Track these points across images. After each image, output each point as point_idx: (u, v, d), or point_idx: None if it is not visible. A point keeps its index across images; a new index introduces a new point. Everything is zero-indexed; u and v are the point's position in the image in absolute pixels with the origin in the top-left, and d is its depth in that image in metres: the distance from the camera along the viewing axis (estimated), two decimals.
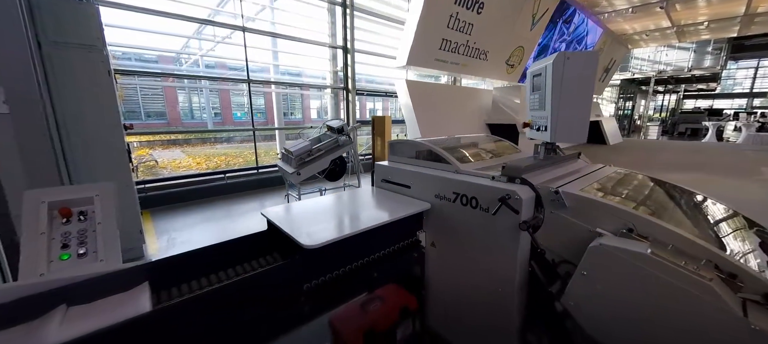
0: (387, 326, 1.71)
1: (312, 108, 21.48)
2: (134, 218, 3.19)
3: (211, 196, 6.13)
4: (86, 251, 1.29)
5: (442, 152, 1.77)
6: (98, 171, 2.80)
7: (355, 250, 1.48)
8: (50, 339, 0.89)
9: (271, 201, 6.09)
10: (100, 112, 2.83)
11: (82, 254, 1.28)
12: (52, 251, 1.24)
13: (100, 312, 1.07)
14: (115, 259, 1.33)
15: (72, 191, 1.39)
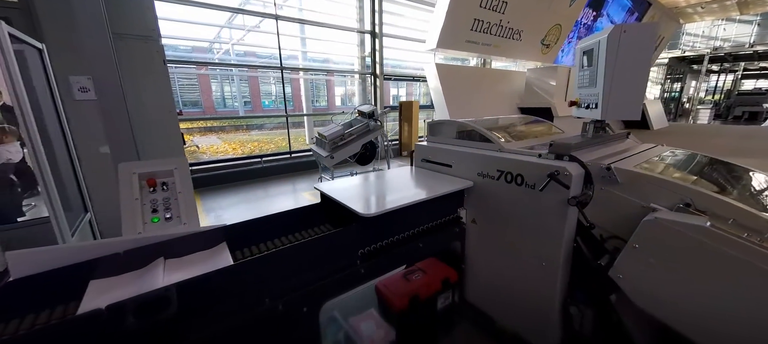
0: (429, 294, 1.81)
1: (336, 95, 21.68)
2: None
3: (248, 179, 6.51)
4: (171, 216, 1.48)
5: (486, 132, 1.79)
6: (158, 153, 3.09)
7: (402, 223, 1.57)
8: (159, 282, 1.06)
9: (303, 184, 6.35)
10: (158, 98, 3.09)
11: (168, 218, 1.47)
12: (145, 214, 1.44)
13: (192, 264, 1.24)
14: (195, 222, 1.51)
15: (155, 164, 1.58)
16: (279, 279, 1.19)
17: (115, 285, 1.11)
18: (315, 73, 15.32)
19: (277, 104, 20.49)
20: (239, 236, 1.45)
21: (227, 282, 1.08)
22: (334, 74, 17.65)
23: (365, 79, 8.45)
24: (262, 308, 1.12)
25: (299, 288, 1.22)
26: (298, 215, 1.71)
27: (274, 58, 6.93)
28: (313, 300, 1.25)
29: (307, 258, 1.27)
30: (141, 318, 0.86)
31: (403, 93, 17.10)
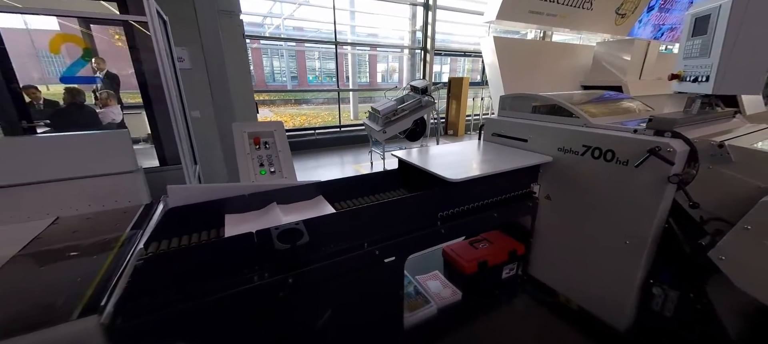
0: (496, 262, 1.88)
1: (378, 71, 21.52)
2: None
3: (300, 149, 6.92)
4: (275, 171, 1.69)
5: (570, 106, 1.74)
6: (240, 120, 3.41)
7: (478, 192, 1.63)
8: (280, 220, 1.25)
9: (349, 156, 6.60)
10: (239, 69, 3.37)
11: (272, 172, 1.67)
12: (255, 167, 1.66)
13: (299, 210, 1.43)
14: (293, 177, 1.71)
15: (258, 125, 1.79)
16: (374, 229, 1.33)
17: (244, 219, 1.33)
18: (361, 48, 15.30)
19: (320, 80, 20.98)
20: (330, 191, 1.62)
21: (337, 225, 1.24)
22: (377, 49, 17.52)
23: (414, 54, 8.31)
24: (363, 251, 1.27)
25: (391, 239, 1.35)
26: (377, 178, 1.84)
27: (321, 33, 7.03)
28: (401, 251, 1.38)
29: (397, 214, 1.39)
30: (283, 242, 1.04)
31: (446, 70, 16.52)
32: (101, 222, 1.38)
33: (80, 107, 4.30)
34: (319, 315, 1.24)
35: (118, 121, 5.08)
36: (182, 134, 1.59)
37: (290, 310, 1.16)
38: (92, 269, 1.04)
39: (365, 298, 1.36)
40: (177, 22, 2.39)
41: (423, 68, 7.92)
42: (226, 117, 2.76)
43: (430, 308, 1.72)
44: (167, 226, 1.25)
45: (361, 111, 13.38)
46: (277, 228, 1.08)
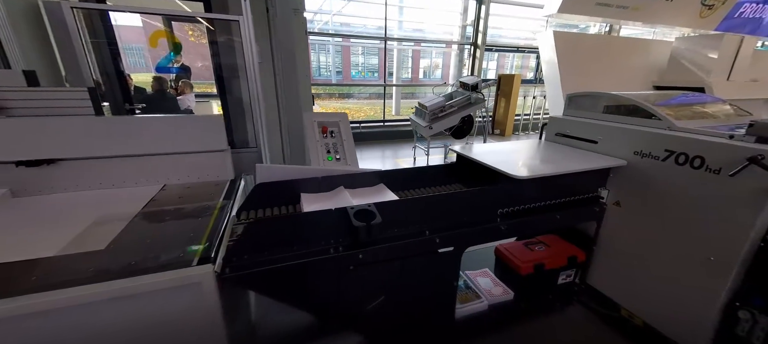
0: (554, 266, 1.83)
1: (420, 67, 21.30)
2: None
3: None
4: (340, 158, 1.81)
5: (651, 107, 1.63)
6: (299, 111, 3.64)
7: (541, 193, 1.60)
8: (350, 202, 1.35)
9: (391, 151, 6.68)
10: (301, 64, 3.58)
11: (338, 159, 1.80)
12: (322, 153, 1.80)
13: (364, 195, 1.53)
14: (356, 165, 1.82)
15: (326, 116, 1.93)
16: (435, 219, 1.38)
17: (318, 198, 1.46)
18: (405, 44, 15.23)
19: (363, 75, 21.32)
20: (390, 180, 1.70)
21: (403, 211, 1.31)
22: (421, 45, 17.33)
23: (463, 50, 8.12)
24: (425, 237, 1.33)
25: (450, 230, 1.39)
26: (433, 172, 1.89)
27: (366, 29, 7.11)
28: (460, 242, 1.42)
29: (457, 207, 1.43)
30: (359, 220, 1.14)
31: (492, 66, 15.86)
32: (198, 191, 1.60)
33: (164, 94, 4.90)
34: (381, 291, 1.33)
35: (192, 107, 5.70)
36: (262, 122, 1.78)
37: (357, 282, 1.26)
38: (199, 228, 1.23)
39: (422, 283, 1.43)
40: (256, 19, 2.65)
41: (471, 64, 7.72)
42: (292, 107, 2.98)
43: (480, 303, 1.73)
44: (254, 198, 1.43)
45: (403, 107, 13.41)
46: (352, 208, 1.18)
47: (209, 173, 1.77)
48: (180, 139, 1.68)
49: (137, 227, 1.24)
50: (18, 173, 1.47)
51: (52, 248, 1.07)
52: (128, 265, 0.99)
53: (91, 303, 0.91)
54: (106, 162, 1.58)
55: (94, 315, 0.94)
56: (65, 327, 0.92)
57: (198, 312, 1.03)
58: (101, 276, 0.94)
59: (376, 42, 7.22)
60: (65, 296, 0.87)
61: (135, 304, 0.97)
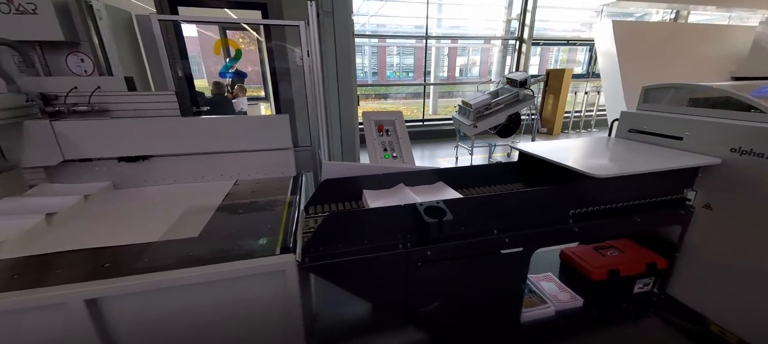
0: (630, 273, 1.68)
1: (457, 65, 20.80)
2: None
3: None
4: (397, 156, 1.82)
5: (751, 99, 1.43)
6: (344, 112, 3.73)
7: (616, 193, 1.47)
8: (412, 199, 1.35)
9: (429, 151, 6.58)
10: (346, 66, 3.67)
11: (395, 157, 1.81)
12: (379, 151, 1.82)
13: (425, 192, 1.53)
14: (412, 162, 1.82)
15: (382, 115, 1.96)
16: (503, 218, 1.33)
17: (380, 195, 1.48)
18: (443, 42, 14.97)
19: (398, 75, 21.31)
20: (449, 178, 1.68)
21: (471, 208, 1.28)
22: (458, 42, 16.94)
23: (506, 45, 7.79)
24: (493, 236, 1.29)
25: (518, 230, 1.33)
26: (494, 170, 1.83)
27: (401, 28, 7.02)
28: (529, 243, 1.36)
29: (526, 207, 1.36)
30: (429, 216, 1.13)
31: (535, 62, 15.01)
32: (267, 186, 1.71)
33: (222, 97, 5.30)
34: (447, 289, 1.31)
35: (245, 110, 6.12)
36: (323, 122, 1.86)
37: (424, 279, 1.26)
38: (274, 220, 1.31)
39: (488, 283, 1.38)
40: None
41: (517, 59, 7.37)
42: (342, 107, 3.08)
43: (547, 308, 1.64)
44: (321, 193, 1.48)
45: (440, 106, 13.19)
46: (422, 205, 1.18)
47: (275, 169, 1.88)
48: (251, 138, 1.80)
49: (221, 218, 1.35)
50: (119, 167, 1.68)
51: (154, 234, 1.20)
52: (220, 251, 1.08)
53: (191, 285, 1.01)
54: (189, 159, 1.75)
55: (192, 295, 1.04)
56: (170, 305, 1.03)
57: (280, 297, 1.10)
58: (199, 260, 1.03)
59: (412, 42, 7.20)
60: (173, 277, 0.97)
61: (227, 287, 1.05)
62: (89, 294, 0.92)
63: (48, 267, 1.01)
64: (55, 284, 0.92)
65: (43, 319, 0.92)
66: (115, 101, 1.69)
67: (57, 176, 1.64)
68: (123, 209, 1.48)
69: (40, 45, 1.88)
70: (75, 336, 0.94)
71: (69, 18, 1.90)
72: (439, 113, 11.93)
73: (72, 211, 1.38)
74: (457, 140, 5.60)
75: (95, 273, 0.97)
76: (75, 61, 1.94)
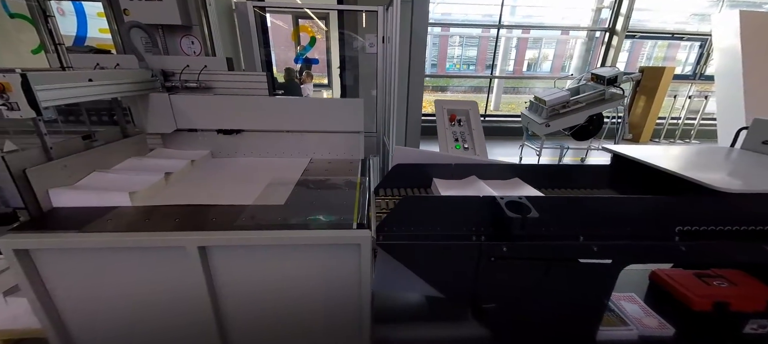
0: (742, 309, 1.41)
1: (525, 59, 19.21)
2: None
3: None
4: (468, 147, 1.76)
5: None
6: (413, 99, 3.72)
7: (741, 214, 1.22)
8: (486, 192, 1.29)
9: (489, 148, 6.21)
10: (419, 53, 3.62)
11: (466, 148, 1.75)
12: (450, 141, 1.78)
13: (499, 187, 1.45)
14: (485, 155, 1.74)
15: (455, 104, 1.90)
16: (591, 224, 1.21)
17: (452, 185, 1.46)
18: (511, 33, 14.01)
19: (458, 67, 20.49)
20: (526, 175, 1.57)
21: (554, 208, 1.18)
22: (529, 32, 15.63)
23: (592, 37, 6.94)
24: (579, 243, 1.18)
25: (610, 240, 1.19)
26: (578, 172, 1.66)
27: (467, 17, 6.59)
28: (621, 256, 1.21)
29: (621, 215, 1.21)
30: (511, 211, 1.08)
31: (622, 58, 13.08)
32: (338, 167, 1.80)
33: (293, 83, 5.70)
34: (519, 290, 1.24)
35: (311, 95, 6.50)
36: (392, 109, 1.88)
37: (496, 276, 1.21)
38: (348, 198, 1.37)
39: (565, 292, 1.27)
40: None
41: (604, 54, 6.54)
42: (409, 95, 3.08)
43: (629, 331, 1.46)
44: (392, 177, 1.51)
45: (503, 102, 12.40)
46: (502, 198, 1.13)
47: (345, 151, 1.96)
48: (326, 119, 1.91)
49: (301, 191, 1.46)
50: (217, 139, 1.91)
51: (248, 198, 1.35)
52: (303, 219, 1.17)
53: (279, 245, 1.12)
54: (272, 135, 1.92)
55: (277, 255, 1.15)
56: (259, 261, 1.15)
57: (353, 269, 1.15)
58: (286, 225, 1.13)
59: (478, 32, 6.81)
60: (267, 236, 1.08)
61: (307, 252, 1.14)
62: (201, 242, 1.07)
63: (169, 216, 1.20)
64: (175, 230, 1.09)
65: (168, 257, 1.10)
66: (218, 78, 1.92)
67: (169, 142, 1.93)
68: (221, 175, 1.69)
69: (162, 28, 2.22)
70: (189, 274, 1.11)
71: (185, 4, 2.20)
72: (500, 109, 11.26)
73: (182, 172, 1.62)
74: (524, 139, 5.21)
75: (205, 225, 1.12)
76: (187, 43, 2.26)
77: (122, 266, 1.12)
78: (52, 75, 1.20)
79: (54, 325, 1.17)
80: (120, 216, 1.18)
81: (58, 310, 1.18)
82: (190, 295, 1.16)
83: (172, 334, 1.26)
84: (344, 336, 1.31)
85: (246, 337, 1.30)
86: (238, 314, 1.25)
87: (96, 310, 1.20)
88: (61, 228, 1.08)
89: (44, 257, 1.10)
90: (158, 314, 1.21)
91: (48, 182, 1.22)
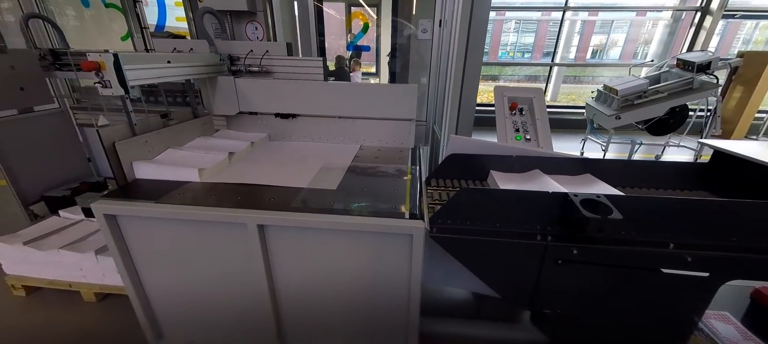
0: None
1: (590, 45, 17.24)
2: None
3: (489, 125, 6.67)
4: (530, 138, 1.60)
5: None
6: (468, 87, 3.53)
7: None
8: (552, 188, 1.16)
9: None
10: (478, 39, 3.39)
11: (528, 139, 1.60)
12: (510, 131, 1.64)
13: (568, 183, 1.30)
14: (549, 147, 1.58)
15: (518, 91, 1.74)
16: (683, 231, 1.02)
17: (511, 178, 1.34)
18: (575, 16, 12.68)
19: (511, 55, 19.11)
20: (599, 172, 1.39)
21: (639, 209, 1.02)
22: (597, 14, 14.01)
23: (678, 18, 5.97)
24: (667, 251, 1.01)
25: (707, 250, 1.00)
26: (667, 170, 1.43)
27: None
28: (721, 270, 1.01)
29: (726, 221, 1.01)
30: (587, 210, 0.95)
31: (714, 43, 11.05)
32: (388, 154, 1.77)
33: (343, 70, 5.78)
34: (590, 299, 1.11)
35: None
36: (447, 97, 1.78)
37: (562, 280, 1.09)
38: (399, 187, 1.33)
39: (646, 306, 1.11)
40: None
41: (693, 37, 5.60)
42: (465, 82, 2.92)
43: None
44: (445, 167, 1.44)
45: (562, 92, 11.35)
46: (576, 196, 1.00)
47: (395, 139, 1.92)
48: (378, 106, 1.87)
49: (352, 177, 1.45)
50: (275, 122, 1.99)
51: (302, 181, 1.38)
52: (354, 206, 1.16)
53: (331, 230, 1.12)
54: (324, 120, 1.94)
55: (329, 238, 1.15)
56: (311, 243, 1.17)
57: (403, 259, 1.12)
58: (338, 209, 1.13)
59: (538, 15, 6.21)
60: (320, 219, 1.09)
61: (358, 238, 1.13)
62: (260, 221, 1.12)
63: (231, 193, 1.27)
64: (237, 207, 1.15)
65: (231, 232, 1.17)
66: (277, 63, 1.99)
67: (232, 124, 2.06)
68: (277, 157, 1.75)
69: (230, 14, 2.36)
70: (249, 249, 1.17)
71: None
72: (558, 100, 10.32)
73: (244, 153, 1.72)
74: (587, 132, 4.70)
75: (263, 205, 1.17)
76: (251, 29, 2.37)
77: (191, 237, 1.22)
78: (138, 56, 1.32)
79: (134, 285, 1.32)
80: (190, 191, 1.28)
81: (138, 272, 1.33)
82: (248, 268, 1.22)
83: (231, 304, 1.35)
84: (389, 324, 1.30)
85: (295, 313, 1.35)
86: (289, 290, 1.30)
87: (169, 276, 1.32)
88: (142, 198, 1.20)
89: (128, 223, 1.23)
90: (220, 283, 1.30)
91: (132, 155, 1.36)
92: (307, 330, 1.39)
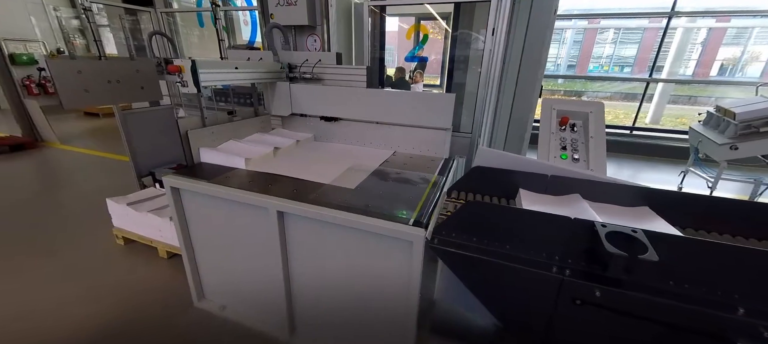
0: None
1: (717, 58, 14.01)
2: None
3: None
4: (579, 158, 1.41)
5: None
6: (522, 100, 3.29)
7: None
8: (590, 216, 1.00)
9: (634, 171, 4.79)
10: (536, 49, 3.14)
11: (576, 159, 1.41)
12: (556, 149, 1.47)
13: (615, 214, 1.11)
14: (602, 172, 1.36)
15: (572, 104, 1.55)
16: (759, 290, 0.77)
17: (542, 200, 1.20)
18: (697, 20, 10.58)
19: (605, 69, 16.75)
20: (662, 206, 1.14)
21: (691, 254, 0.82)
22: (729, 20, 11.48)
23: None
24: (734, 317, 0.78)
25: None
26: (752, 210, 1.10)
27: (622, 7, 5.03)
28: None
29: None
30: (613, 244, 0.80)
31: None
32: (418, 162, 1.75)
33: (403, 81, 5.90)
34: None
35: None
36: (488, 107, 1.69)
37: (578, 323, 0.93)
38: (416, 194, 1.31)
39: None
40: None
41: None
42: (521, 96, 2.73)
43: None
44: (469, 179, 1.36)
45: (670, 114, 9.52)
46: (604, 225, 0.85)
47: (430, 148, 1.89)
48: (415, 113, 1.88)
49: (373, 180, 1.49)
50: (319, 124, 2.16)
51: (326, 179, 1.47)
52: (364, 206, 1.19)
53: (339, 225, 1.16)
54: (363, 125, 2.03)
55: (337, 233, 1.20)
56: (320, 235, 1.23)
57: (403, 266, 1.10)
58: (345, 206, 1.17)
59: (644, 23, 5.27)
60: (327, 213, 1.15)
61: (362, 238, 1.15)
62: (279, 207, 1.23)
63: (268, 182, 1.43)
64: (268, 195, 1.29)
65: (257, 214, 1.31)
66: (327, 71, 2.16)
67: (286, 124, 2.30)
68: (316, 155, 1.90)
69: (294, 28, 2.66)
70: (268, 232, 1.30)
71: (313, 8, 2.56)
72: (662, 123, 8.66)
73: (288, 149, 1.91)
74: (689, 162, 3.84)
75: (288, 194, 1.28)
76: (311, 41, 2.63)
77: (229, 213, 1.41)
78: (211, 62, 1.60)
79: (186, 248, 1.57)
80: (236, 176, 1.48)
81: (191, 238, 1.58)
82: (270, 250, 1.35)
83: (256, 279, 1.50)
84: (387, 332, 1.28)
85: (305, 299, 1.43)
86: (302, 278, 1.39)
87: (212, 246, 1.55)
88: (201, 177, 1.44)
89: (188, 196, 1.48)
90: (245, 255, 1.47)
91: (200, 142, 1.63)
92: (315, 317, 1.46)
